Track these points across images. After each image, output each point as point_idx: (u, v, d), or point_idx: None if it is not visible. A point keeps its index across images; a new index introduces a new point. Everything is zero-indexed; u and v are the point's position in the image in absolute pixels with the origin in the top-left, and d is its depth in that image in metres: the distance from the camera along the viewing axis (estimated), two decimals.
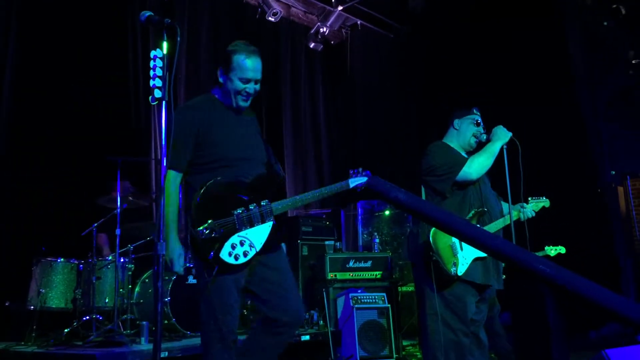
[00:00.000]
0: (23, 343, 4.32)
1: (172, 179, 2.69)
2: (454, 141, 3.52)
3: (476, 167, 3.29)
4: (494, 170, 3.40)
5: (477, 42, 7.27)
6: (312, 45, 8.20)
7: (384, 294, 5.12)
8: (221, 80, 2.78)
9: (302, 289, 5.70)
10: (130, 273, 4.90)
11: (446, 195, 3.32)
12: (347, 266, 5.36)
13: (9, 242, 5.08)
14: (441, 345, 3.15)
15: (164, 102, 2.25)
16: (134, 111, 6.20)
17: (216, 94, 2.85)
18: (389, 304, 5.04)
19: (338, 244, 5.87)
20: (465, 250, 3.20)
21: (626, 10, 6.60)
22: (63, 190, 5.34)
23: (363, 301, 4.98)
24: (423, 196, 3.48)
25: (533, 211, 3.82)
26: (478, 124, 3.48)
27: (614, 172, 6.78)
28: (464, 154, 3.48)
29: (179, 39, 2.28)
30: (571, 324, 4.95)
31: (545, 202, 3.91)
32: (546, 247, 5.34)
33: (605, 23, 6.83)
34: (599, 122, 7.00)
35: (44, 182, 5.32)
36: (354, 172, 2.94)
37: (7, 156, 5.25)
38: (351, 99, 8.69)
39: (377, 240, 6.29)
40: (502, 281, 3.41)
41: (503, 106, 5.74)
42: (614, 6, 6.68)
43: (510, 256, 1.04)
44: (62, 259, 4.69)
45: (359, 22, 8.37)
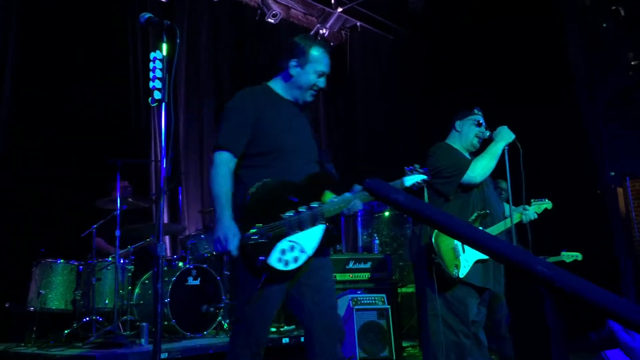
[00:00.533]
0: (23, 344, 4.31)
1: (225, 161, 2.51)
2: (456, 142, 3.48)
3: (479, 170, 3.25)
4: (495, 172, 3.37)
5: (477, 42, 7.28)
6: None
7: (384, 295, 5.10)
8: (293, 72, 2.66)
9: None
10: (130, 274, 4.91)
11: (450, 197, 3.28)
12: (347, 267, 5.36)
13: (9, 243, 5.08)
14: (442, 346, 3.13)
15: (163, 103, 2.26)
16: (134, 112, 6.20)
17: (275, 86, 2.73)
18: (388, 305, 5.03)
19: (338, 245, 5.87)
20: (467, 252, 3.17)
21: (625, 12, 6.61)
22: (63, 191, 5.34)
23: (363, 302, 4.97)
24: (426, 198, 3.44)
25: (535, 213, 3.79)
26: (480, 124, 3.43)
27: (613, 173, 6.78)
28: (467, 155, 3.46)
29: (178, 40, 2.29)
30: (571, 326, 4.95)
31: (548, 204, 3.86)
32: (563, 253, 5.29)
33: (605, 24, 6.83)
34: (598, 123, 7.00)
35: (43, 183, 5.31)
36: (410, 169, 2.82)
37: (7, 156, 5.25)
38: (351, 99, 8.68)
39: (377, 242, 6.29)
40: (503, 284, 3.38)
41: (503, 106, 5.73)
42: (614, 7, 6.69)
43: (509, 258, 1.04)
44: (62, 260, 4.68)
45: (358, 24, 8.38)
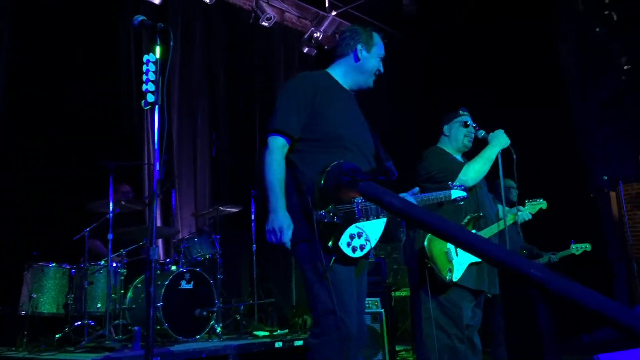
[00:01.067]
0: (14, 348, 4.28)
1: (280, 146, 2.41)
2: (447, 146, 3.50)
3: (472, 174, 3.25)
4: (488, 174, 3.37)
5: (473, 44, 7.31)
6: (305, 50, 8.21)
7: (378, 299, 5.10)
8: (361, 56, 2.65)
9: (296, 293, 5.67)
10: (122, 278, 4.87)
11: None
12: None
13: (0, 246, 5.04)
14: (435, 350, 3.13)
15: (156, 106, 2.25)
16: (127, 115, 6.18)
17: (334, 73, 2.68)
18: (382, 308, 5.03)
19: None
20: (461, 256, 3.17)
21: (618, 17, 6.65)
22: (55, 194, 5.29)
23: None
24: None
25: (530, 214, 3.80)
26: (466, 124, 3.41)
27: (606, 178, 6.81)
28: (459, 158, 3.47)
29: (172, 43, 2.28)
30: (564, 328, 4.96)
31: (543, 204, 3.87)
32: (572, 245, 5.25)
33: (598, 29, 6.88)
34: (591, 126, 7.03)
35: (35, 186, 5.27)
36: (454, 184, 2.88)
37: (0, 159, 5.22)
38: None
39: None
40: (498, 286, 3.39)
41: (498, 107, 5.76)
42: (606, 12, 6.73)
43: (502, 261, 1.04)
44: (53, 264, 4.65)
45: None
